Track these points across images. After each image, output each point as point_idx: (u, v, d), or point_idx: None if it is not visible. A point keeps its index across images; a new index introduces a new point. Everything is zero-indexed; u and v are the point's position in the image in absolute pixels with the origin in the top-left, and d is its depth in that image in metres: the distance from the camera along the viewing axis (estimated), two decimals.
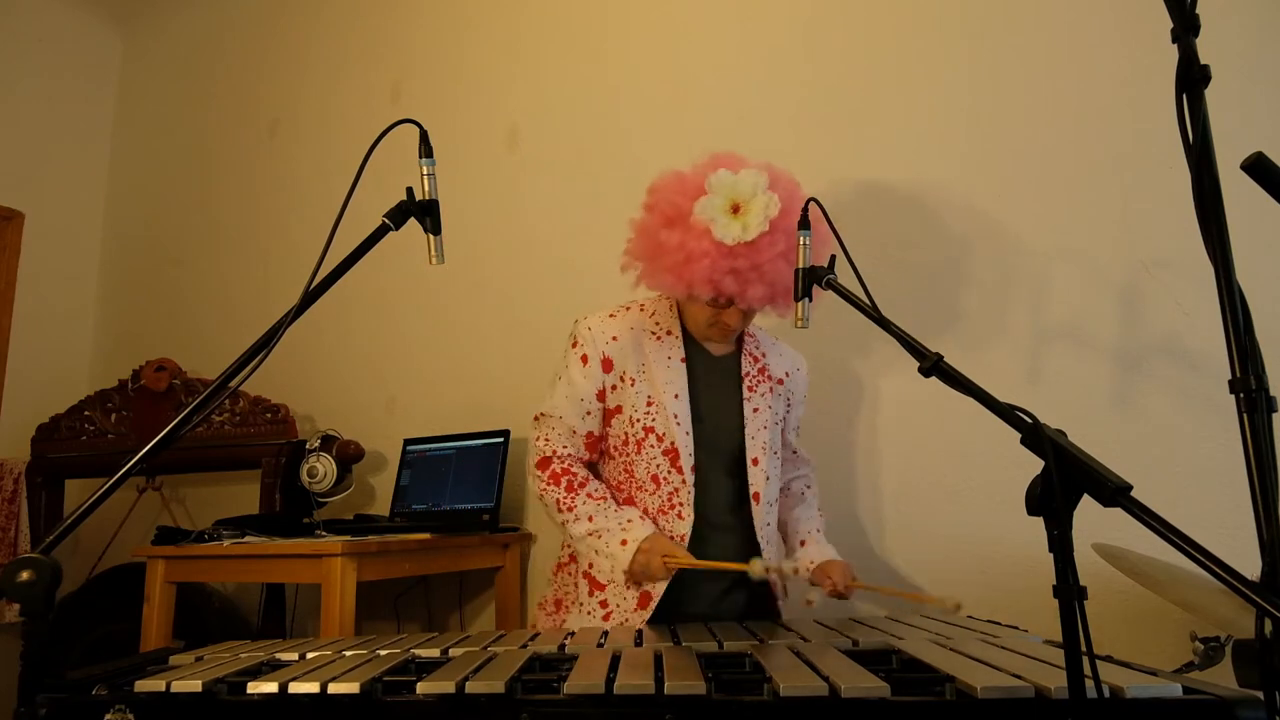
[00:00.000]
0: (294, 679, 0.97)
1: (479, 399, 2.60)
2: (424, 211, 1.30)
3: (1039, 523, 0.78)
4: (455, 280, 2.64)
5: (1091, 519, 1.00)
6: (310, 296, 1.15)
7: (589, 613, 1.52)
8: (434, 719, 0.92)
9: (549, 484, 1.54)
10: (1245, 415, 0.77)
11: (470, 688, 0.91)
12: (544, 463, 1.57)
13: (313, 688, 0.94)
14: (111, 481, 0.99)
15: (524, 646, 1.15)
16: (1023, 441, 0.87)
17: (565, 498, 1.52)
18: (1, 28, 3.37)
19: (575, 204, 2.57)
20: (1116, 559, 1.39)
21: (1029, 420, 0.86)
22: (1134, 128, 1.88)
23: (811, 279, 1.44)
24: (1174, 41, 0.87)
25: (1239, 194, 0.93)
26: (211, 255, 3.35)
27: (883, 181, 2.14)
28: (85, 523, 0.97)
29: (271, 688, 0.96)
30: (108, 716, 0.95)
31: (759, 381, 1.61)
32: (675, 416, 1.52)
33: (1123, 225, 1.88)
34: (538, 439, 1.60)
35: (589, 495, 1.51)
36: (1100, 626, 1.52)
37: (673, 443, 1.51)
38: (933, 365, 1.07)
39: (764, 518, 1.58)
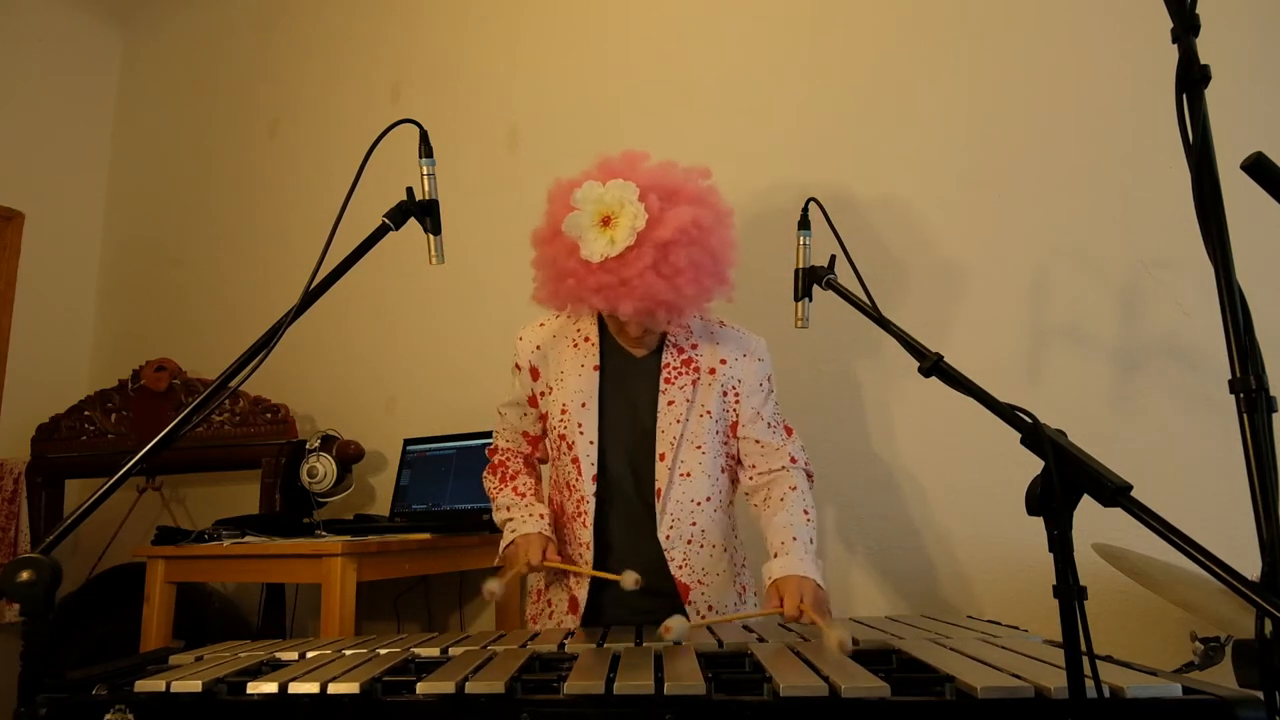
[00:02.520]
0: (294, 679, 0.97)
1: (479, 399, 2.59)
2: (424, 211, 1.31)
3: (1039, 523, 0.78)
4: (455, 280, 2.64)
5: (1091, 519, 1.00)
6: (310, 296, 1.15)
7: (540, 609, 1.62)
8: (434, 719, 0.92)
9: (488, 473, 1.69)
10: (1245, 415, 0.77)
11: (470, 688, 0.91)
12: (492, 452, 1.73)
13: (313, 688, 0.94)
14: (111, 481, 0.99)
15: (524, 646, 1.15)
16: (1023, 441, 0.87)
17: (496, 486, 1.65)
18: (1, 27, 3.37)
19: None
20: (1116, 559, 1.39)
21: (1029, 420, 0.86)
22: (1134, 128, 1.89)
23: (811, 279, 1.44)
24: (1174, 41, 0.87)
25: (1239, 194, 0.93)
26: (211, 255, 3.35)
27: (883, 181, 2.14)
28: (85, 523, 0.97)
29: (271, 688, 0.96)
30: (108, 716, 0.95)
31: (679, 373, 1.55)
32: (580, 426, 1.54)
33: (1123, 225, 1.88)
34: (495, 431, 1.75)
35: (514, 490, 1.63)
36: (1100, 626, 1.52)
37: (577, 453, 1.53)
38: (933, 365, 1.07)
39: (669, 517, 1.51)
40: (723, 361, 1.57)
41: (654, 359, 1.58)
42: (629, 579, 1.34)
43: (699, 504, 1.52)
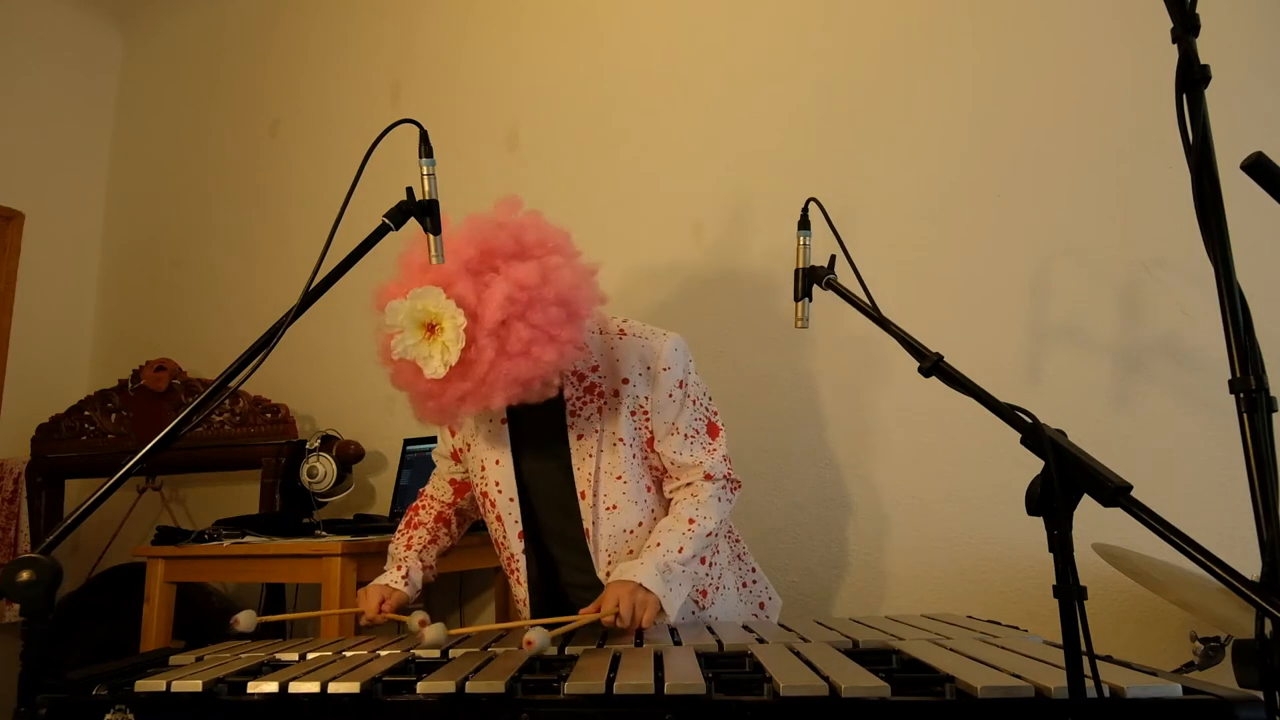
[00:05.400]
0: (294, 679, 0.97)
1: None
2: (424, 211, 1.30)
3: (1039, 523, 0.78)
4: None
5: (1091, 519, 1.00)
6: (310, 296, 1.15)
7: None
8: (434, 719, 0.92)
9: (405, 515, 1.71)
10: (1245, 415, 0.77)
11: (470, 688, 0.91)
12: (419, 495, 1.75)
13: (313, 688, 0.94)
14: (111, 481, 0.99)
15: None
16: (1023, 441, 0.87)
17: (397, 532, 1.68)
18: (1, 27, 3.37)
19: (575, 204, 2.56)
20: (1116, 559, 1.40)
21: (1029, 420, 0.86)
22: (1134, 128, 1.88)
23: (811, 279, 1.44)
24: (1174, 41, 0.87)
25: (1239, 194, 0.93)
26: (211, 255, 3.35)
27: (883, 181, 2.14)
28: (85, 523, 0.97)
29: (271, 688, 0.96)
30: (108, 716, 0.95)
31: (584, 403, 1.47)
32: (497, 484, 1.51)
33: (1122, 225, 1.88)
34: (433, 475, 1.75)
35: (405, 542, 1.64)
36: (1100, 626, 1.52)
37: (500, 510, 1.52)
38: (933, 365, 1.07)
39: (604, 554, 1.47)
40: (625, 381, 1.47)
41: (558, 395, 1.47)
42: (422, 631, 1.26)
43: (631, 533, 1.48)
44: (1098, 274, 1.89)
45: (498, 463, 1.52)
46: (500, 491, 1.51)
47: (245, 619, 1.38)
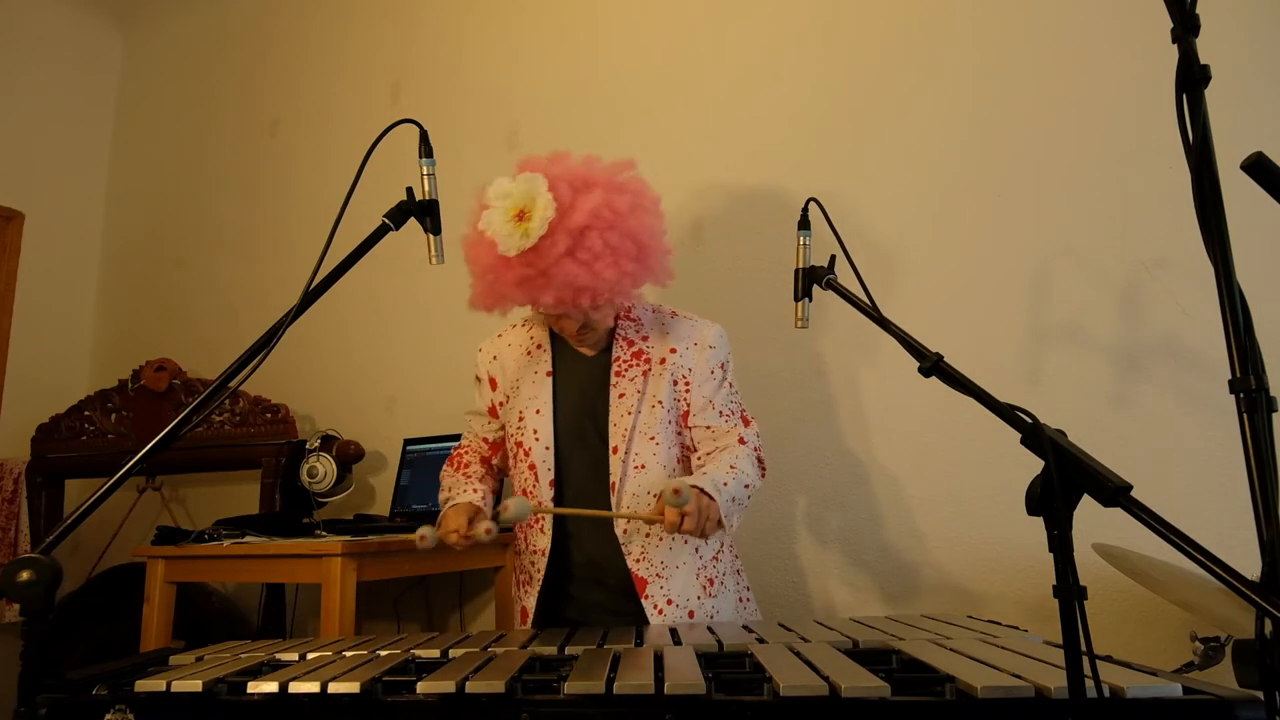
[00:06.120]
0: (294, 679, 0.97)
1: None
2: (424, 211, 1.31)
3: (1039, 523, 0.78)
4: (455, 280, 2.63)
5: (1091, 519, 1.00)
6: (310, 296, 1.15)
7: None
8: (434, 719, 0.92)
9: (446, 465, 1.71)
10: (1245, 415, 0.77)
11: (470, 688, 0.91)
12: (455, 450, 1.75)
13: (313, 687, 0.94)
14: (111, 481, 0.99)
15: (524, 647, 1.15)
16: (1023, 441, 0.87)
17: (448, 474, 1.67)
18: (1, 27, 3.37)
19: None
20: (1116, 559, 1.40)
21: (1029, 420, 0.86)
22: (1134, 127, 1.89)
23: (811, 279, 1.44)
24: (1174, 41, 0.87)
25: (1239, 194, 0.93)
26: (211, 255, 3.35)
27: (883, 181, 2.14)
28: (85, 523, 0.97)
29: (271, 687, 0.96)
30: (108, 716, 0.95)
31: (629, 366, 1.55)
32: (535, 432, 1.55)
33: (1123, 225, 1.88)
34: (463, 434, 1.78)
35: (462, 474, 1.65)
36: (1100, 626, 1.52)
37: (534, 459, 1.54)
38: (933, 365, 1.07)
39: (626, 509, 1.50)
40: (673, 350, 1.57)
41: (605, 355, 1.58)
42: (506, 502, 1.28)
43: (655, 496, 1.50)
44: (1098, 274, 1.89)
45: (538, 412, 1.56)
46: (538, 439, 1.55)
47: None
